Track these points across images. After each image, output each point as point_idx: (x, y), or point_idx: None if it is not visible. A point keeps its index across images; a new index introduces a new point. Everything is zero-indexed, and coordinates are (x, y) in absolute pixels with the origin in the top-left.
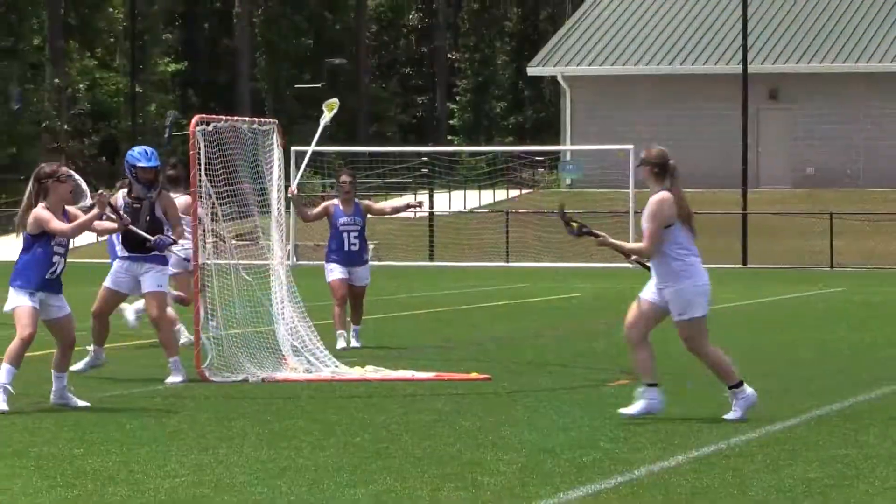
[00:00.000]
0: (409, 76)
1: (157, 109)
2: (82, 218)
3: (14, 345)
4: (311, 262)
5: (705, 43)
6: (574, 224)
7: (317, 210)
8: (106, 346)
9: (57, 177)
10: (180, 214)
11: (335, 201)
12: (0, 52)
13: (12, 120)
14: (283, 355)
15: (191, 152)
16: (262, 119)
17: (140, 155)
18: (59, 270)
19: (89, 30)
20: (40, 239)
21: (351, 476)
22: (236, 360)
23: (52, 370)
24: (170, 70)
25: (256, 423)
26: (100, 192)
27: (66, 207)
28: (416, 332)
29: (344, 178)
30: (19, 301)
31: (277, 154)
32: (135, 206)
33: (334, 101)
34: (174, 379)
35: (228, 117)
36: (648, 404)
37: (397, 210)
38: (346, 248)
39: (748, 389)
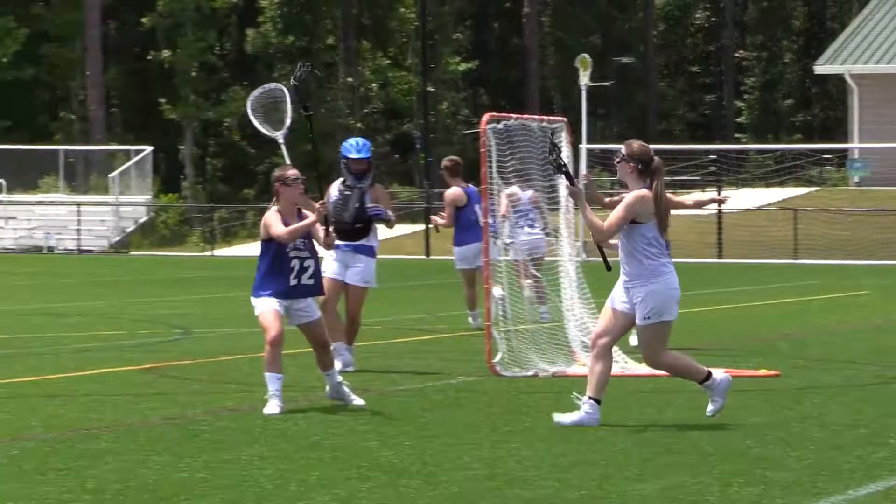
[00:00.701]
0: (697, 74)
1: (449, 108)
2: (299, 224)
3: (266, 353)
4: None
5: None
6: (560, 163)
7: (615, 199)
8: (398, 340)
9: (283, 180)
10: (527, 206)
11: None
12: (295, 51)
13: (306, 117)
14: (573, 351)
15: (482, 150)
16: (551, 117)
17: (351, 146)
18: (306, 274)
19: (382, 30)
20: (273, 243)
21: (640, 470)
22: (525, 355)
23: (320, 371)
24: (460, 69)
25: (547, 418)
26: (321, 201)
27: (303, 210)
28: (705, 328)
29: None
30: (263, 306)
31: (567, 152)
32: (345, 193)
33: (585, 57)
34: (337, 366)
35: (519, 115)
36: (585, 417)
37: (700, 203)
38: None
39: (718, 375)
